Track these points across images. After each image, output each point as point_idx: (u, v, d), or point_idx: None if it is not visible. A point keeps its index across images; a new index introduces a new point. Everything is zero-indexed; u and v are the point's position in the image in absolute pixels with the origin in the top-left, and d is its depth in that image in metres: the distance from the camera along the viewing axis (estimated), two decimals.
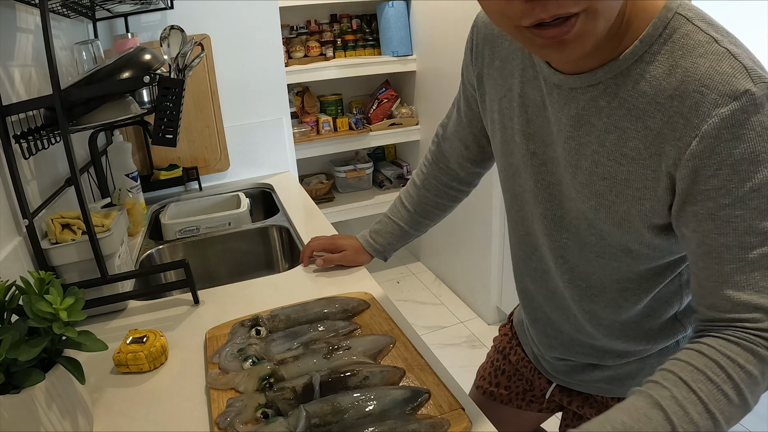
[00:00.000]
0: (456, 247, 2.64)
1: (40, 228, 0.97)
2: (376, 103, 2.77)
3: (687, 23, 0.57)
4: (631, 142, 0.61)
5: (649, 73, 0.59)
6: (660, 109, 0.58)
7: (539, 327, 0.91)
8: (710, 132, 0.54)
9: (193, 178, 1.79)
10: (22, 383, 0.61)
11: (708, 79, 0.54)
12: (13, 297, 0.65)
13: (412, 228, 1.08)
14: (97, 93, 0.94)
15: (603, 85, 0.62)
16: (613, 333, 0.80)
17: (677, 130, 0.57)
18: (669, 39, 0.58)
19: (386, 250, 1.11)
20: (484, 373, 1.10)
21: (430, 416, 0.69)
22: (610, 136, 0.63)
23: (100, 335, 0.68)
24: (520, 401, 1.03)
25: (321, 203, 2.76)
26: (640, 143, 0.60)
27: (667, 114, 0.57)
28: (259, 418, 0.69)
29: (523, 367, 1.01)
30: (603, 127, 0.63)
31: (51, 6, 1.09)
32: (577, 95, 0.65)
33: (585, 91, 0.64)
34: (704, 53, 0.55)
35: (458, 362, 2.23)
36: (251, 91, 1.86)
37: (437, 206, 1.06)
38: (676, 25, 0.58)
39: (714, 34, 0.56)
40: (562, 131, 0.68)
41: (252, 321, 0.90)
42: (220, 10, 1.74)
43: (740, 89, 0.53)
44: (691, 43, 0.56)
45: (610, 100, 0.62)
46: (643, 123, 0.60)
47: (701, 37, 0.56)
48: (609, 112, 0.62)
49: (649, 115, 0.59)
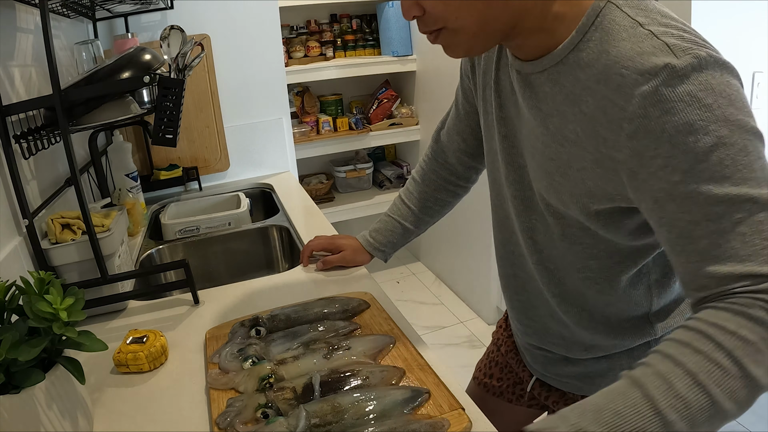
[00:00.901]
0: (456, 247, 2.64)
1: (40, 228, 0.97)
2: (376, 103, 2.77)
3: (616, 10, 0.59)
4: (570, 125, 0.64)
5: (582, 60, 0.61)
6: (590, 93, 0.60)
7: (515, 313, 0.93)
8: (637, 112, 0.54)
9: (193, 178, 1.79)
10: (22, 383, 0.61)
11: (628, 60, 0.55)
12: (13, 297, 0.66)
13: (413, 225, 1.08)
14: (97, 93, 0.94)
15: (548, 72, 0.66)
16: (582, 322, 0.81)
17: (607, 113, 0.58)
18: (600, 26, 0.60)
19: (387, 249, 1.10)
20: (481, 364, 1.12)
21: (430, 416, 0.69)
22: (553, 120, 0.66)
23: (100, 335, 0.68)
24: (510, 395, 1.04)
25: (321, 203, 2.76)
26: (577, 126, 0.63)
27: (596, 98, 0.59)
28: (259, 418, 0.69)
29: (511, 359, 1.03)
30: (548, 111, 0.67)
31: (51, 6, 1.09)
32: (531, 80, 0.69)
33: (536, 76, 0.68)
34: (627, 37, 0.57)
35: (458, 362, 2.23)
36: (251, 91, 1.86)
37: (437, 202, 1.07)
38: (606, 12, 0.60)
39: (640, 19, 0.57)
40: (523, 115, 0.72)
41: (252, 321, 0.90)
42: (220, 10, 1.74)
43: (659, 65, 0.53)
44: (616, 29, 0.58)
45: (552, 86, 0.65)
46: (578, 107, 0.62)
47: (626, 22, 0.58)
48: (552, 97, 0.66)
49: (582, 99, 0.61)
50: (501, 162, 0.80)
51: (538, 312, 0.88)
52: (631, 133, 0.56)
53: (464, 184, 1.06)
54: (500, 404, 1.06)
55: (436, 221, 1.10)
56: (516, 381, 1.04)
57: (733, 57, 1.42)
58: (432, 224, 1.10)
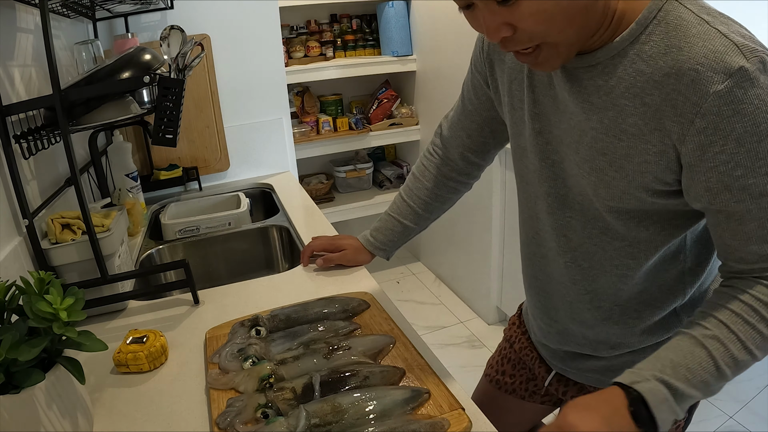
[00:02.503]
0: (456, 247, 2.64)
1: (40, 228, 0.97)
2: (376, 103, 2.77)
3: (679, 6, 0.61)
4: (630, 118, 0.64)
5: (645, 53, 0.62)
6: (657, 86, 0.61)
7: (537, 312, 0.93)
8: (711, 109, 0.57)
9: (193, 178, 1.79)
10: (22, 383, 0.61)
11: (702, 57, 0.57)
12: (13, 297, 0.66)
13: (413, 223, 1.07)
14: (97, 93, 0.94)
15: (602, 66, 0.65)
16: (613, 317, 0.81)
17: (677, 107, 0.60)
18: (663, 21, 0.61)
19: (387, 247, 1.10)
20: (492, 361, 1.12)
21: (430, 416, 0.69)
22: (608, 113, 0.66)
23: (100, 335, 0.68)
24: (523, 391, 1.04)
25: (321, 203, 2.76)
26: (639, 119, 0.63)
27: (664, 91, 0.60)
28: (259, 418, 0.69)
29: (525, 356, 1.03)
30: (602, 104, 0.66)
31: (51, 6, 1.09)
32: (579, 74, 0.68)
33: (586, 70, 0.67)
34: (696, 33, 0.58)
35: (458, 362, 2.23)
36: (251, 91, 1.86)
37: (437, 198, 1.06)
38: (670, 8, 0.61)
39: (705, 16, 0.59)
40: (566, 110, 0.71)
41: (252, 321, 0.90)
42: (220, 10, 1.74)
43: (734, 66, 0.56)
44: (684, 24, 0.59)
45: (607, 79, 0.65)
46: (641, 100, 0.63)
47: (692, 18, 0.59)
48: (607, 90, 0.65)
49: (647, 92, 0.62)
50: (534, 158, 0.79)
51: (559, 314, 0.88)
52: (701, 129, 0.59)
53: (466, 180, 1.05)
54: (512, 401, 1.06)
55: (437, 218, 1.09)
56: (529, 377, 1.04)
57: None
58: (433, 221, 1.10)
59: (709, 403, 1.92)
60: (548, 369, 0.98)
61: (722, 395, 1.93)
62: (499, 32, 0.60)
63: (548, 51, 0.62)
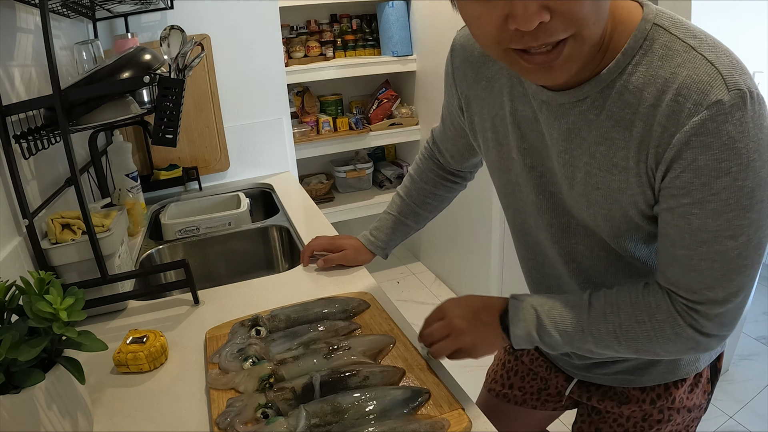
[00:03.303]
0: (456, 247, 2.64)
1: (40, 228, 0.97)
2: (376, 103, 2.77)
3: (665, 33, 0.60)
4: (620, 152, 0.63)
5: (632, 84, 0.61)
6: (642, 118, 0.60)
7: None
8: (681, 139, 0.57)
9: (193, 178, 1.79)
10: (22, 383, 0.61)
11: (685, 88, 0.56)
12: (13, 297, 0.65)
13: (411, 220, 1.08)
14: (97, 93, 0.94)
15: (590, 99, 0.64)
16: None
17: (654, 137, 0.60)
18: (649, 50, 0.60)
19: (387, 246, 1.11)
20: (495, 375, 1.09)
21: (430, 416, 0.69)
22: (600, 148, 0.65)
23: (100, 335, 0.68)
24: (534, 401, 1.03)
25: (321, 203, 2.76)
26: (628, 152, 0.63)
27: (648, 123, 0.60)
28: (259, 418, 0.69)
29: (537, 367, 1.01)
30: (593, 139, 0.65)
31: (51, 6, 1.09)
32: (567, 110, 0.67)
33: (574, 105, 0.66)
34: (682, 62, 0.57)
35: (458, 362, 2.22)
36: (251, 91, 1.86)
37: (434, 197, 1.07)
38: (655, 35, 0.60)
39: (691, 41, 0.58)
40: (555, 145, 0.70)
41: (252, 321, 0.90)
42: (220, 10, 1.74)
43: (712, 99, 0.55)
44: (669, 54, 0.59)
45: (598, 113, 0.64)
46: (629, 132, 0.62)
47: (678, 45, 0.58)
48: (598, 124, 0.64)
49: (634, 124, 0.61)
50: (530, 192, 0.77)
51: None
52: (669, 157, 0.59)
53: (461, 181, 1.07)
54: (521, 411, 1.05)
55: (434, 216, 1.11)
56: (541, 387, 1.02)
57: None
58: (431, 219, 1.11)
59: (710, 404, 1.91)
60: (567, 377, 0.96)
61: (722, 395, 1.93)
62: (539, 16, 0.52)
63: (573, 47, 0.56)
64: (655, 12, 0.61)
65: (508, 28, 0.55)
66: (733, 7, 1.54)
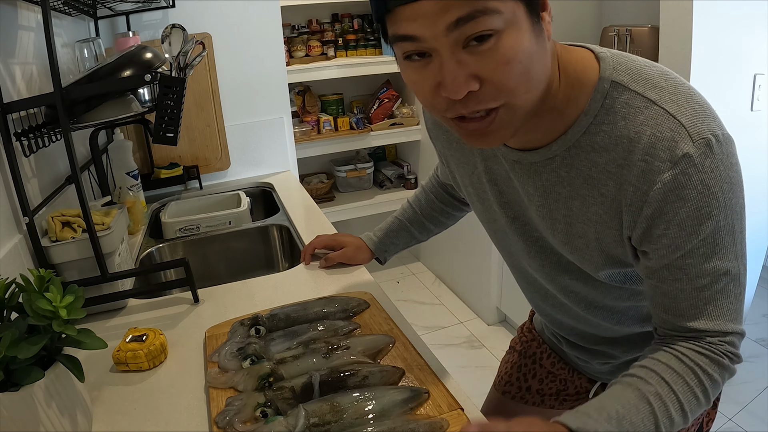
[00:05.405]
0: (456, 247, 2.64)
1: (41, 226, 0.97)
2: (377, 103, 2.77)
3: (625, 90, 0.60)
4: (592, 207, 0.64)
5: (597, 143, 0.62)
6: (611, 177, 0.61)
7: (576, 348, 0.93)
8: (656, 197, 0.58)
9: (194, 177, 1.79)
10: (22, 381, 0.61)
11: (651, 147, 0.57)
12: (12, 294, 0.66)
13: (415, 228, 1.10)
14: (98, 91, 0.94)
15: (560, 158, 0.65)
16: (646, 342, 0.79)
17: (627, 197, 0.60)
18: (611, 109, 0.60)
19: (387, 247, 1.12)
20: (510, 378, 1.08)
21: (429, 416, 0.69)
22: (575, 203, 0.66)
23: (100, 333, 0.68)
24: (552, 401, 1.04)
25: (321, 203, 2.76)
26: (599, 208, 0.64)
27: (618, 182, 0.61)
28: (258, 417, 0.69)
29: (559, 370, 1.02)
30: (567, 194, 0.66)
31: (52, 4, 1.09)
32: (539, 168, 0.67)
33: (545, 164, 0.67)
34: (645, 120, 0.58)
35: (458, 362, 2.23)
36: (252, 90, 1.86)
37: (442, 213, 1.10)
38: (615, 94, 0.60)
39: (651, 94, 0.59)
40: (533, 200, 0.71)
41: (251, 320, 0.90)
42: (221, 9, 1.74)
43: (679, 154, 0.56)
44: (631, 113, 0.59)
45: (568, 170, 0.65)
46: (598, 190, 0.63)
47: (639, 102, 0.59)
48: (570, 181, 0.65)
49: (602, 183, 0.62)
50: (517, 239, 0.78)
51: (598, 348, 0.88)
52: (647, 215, 0.59)
53: (467, 208, 1.08)
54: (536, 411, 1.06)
55: (439, 231, 1.13)
56: (561, 388, 1.03)
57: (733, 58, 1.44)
58: (435, 233, 1.13)
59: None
60: (590, 380, 0.98)
61: (721, 397, 1.92)
62: (467, 85, 0.53)
63: (506, 115, 0.56)
64: (612, 66, 0.61)
65: (441, 96, 0.56)
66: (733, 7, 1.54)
